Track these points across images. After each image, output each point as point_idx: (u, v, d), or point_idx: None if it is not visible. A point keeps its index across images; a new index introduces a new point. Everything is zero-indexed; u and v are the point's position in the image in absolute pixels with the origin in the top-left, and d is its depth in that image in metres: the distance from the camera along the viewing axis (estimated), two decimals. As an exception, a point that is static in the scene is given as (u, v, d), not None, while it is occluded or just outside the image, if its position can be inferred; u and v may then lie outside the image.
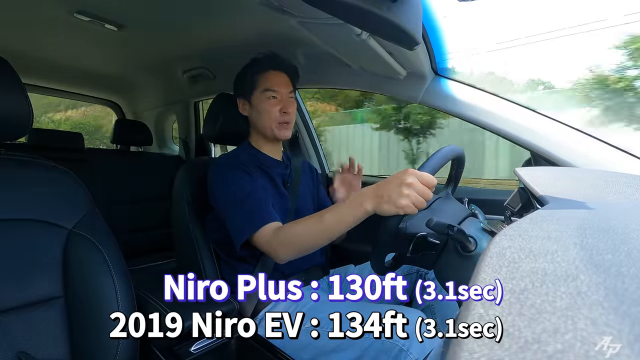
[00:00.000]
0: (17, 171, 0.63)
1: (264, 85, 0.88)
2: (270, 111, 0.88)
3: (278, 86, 0.89)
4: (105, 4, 0.97)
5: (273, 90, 0.88)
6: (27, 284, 0.59)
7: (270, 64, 0.90)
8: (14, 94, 0.59)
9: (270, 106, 0.88)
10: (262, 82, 0.89)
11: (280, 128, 0.89)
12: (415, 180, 0.56)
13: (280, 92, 0.89)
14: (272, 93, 0.88)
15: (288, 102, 0.89)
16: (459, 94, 0.95)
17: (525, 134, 0.86)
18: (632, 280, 0.17)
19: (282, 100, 0.89)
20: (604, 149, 0.80)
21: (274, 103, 0.88)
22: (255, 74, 0.90)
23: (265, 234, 0.74)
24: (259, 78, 0.89)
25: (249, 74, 0.91)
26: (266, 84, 0.88)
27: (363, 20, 0.56)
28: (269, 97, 0.88)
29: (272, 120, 0.89)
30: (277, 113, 0.88)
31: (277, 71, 0.90)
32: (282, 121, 0.89)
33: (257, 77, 0.89)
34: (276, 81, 0.89)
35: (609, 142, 0.80)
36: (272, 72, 0.89)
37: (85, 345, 0.61)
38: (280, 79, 0.90)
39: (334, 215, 0.65)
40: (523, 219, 0.29)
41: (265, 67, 0.90)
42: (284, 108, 0.88)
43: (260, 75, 0.89)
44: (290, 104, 0.90)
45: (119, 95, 2.11)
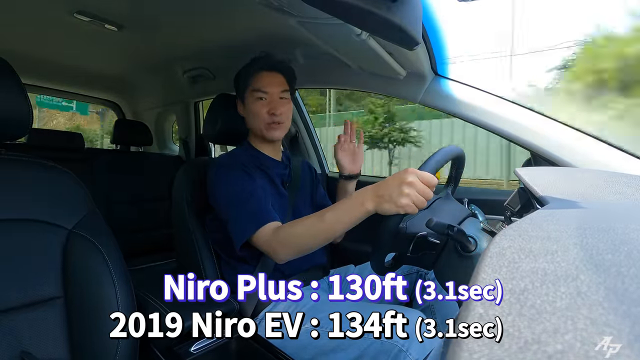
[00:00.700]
0: (17, 171, 0.63)
1: (255, 86, 0.88)
2: (258, 112, 0.88)
3: (267, 87, 0.88)
4: (105, 4, 0.97)
5: (261, 91, 0.87)
6: (27, 284, 0.59)
7: (262, 65, 0.89)
8: (14, 94, 0.59)
9: (258, 107, 0.88)
10: (252, 83, 0.88)
11: (268, 129, 0.89)
12: (416, 179, 0.56)
13: (270, 92, 0.88)
14: (261, 94, 0.87)
15: (278, 103, 0.88)
16: (459, 94, 0.95)
17: (525, 134, 0.86)
18: (632, 280, 0.17)
19: (272, 101, 0.88)
20: (604, 149, 0.80)
21: (262, 104, 0.88)
22: (247, 75, 0.89)
23: (264, 234, 0.74)
24: (250, 79, 0.89)
25: (243, 76, 0.91)
26: (256, 85, 0.88)
27: (363, 20, 0.56)
28: (257, 97, 0.88)
29: (261, 122, 0.88)
30: (265, 114, 0.87)
31: (269, 71, 0.89)
32: (270, 122, 0.88)
33: (249, 78, 0.89)
34: (266, 82, 0.88)
35: (609, 142, 0.80)
36: (263, 73, 0.89)
37: (85, 345, 0.61)
38: (272, 80, 0.89)
39: (335, 214, 0.65)
40: (523, 219, 0.29)
41: (257, 68, 0.89)
42: (273, 109, 0.87)
43: (252, 76, 0.89)
44: (281, 104, 0.89)
45: (119, 95, 2.11)
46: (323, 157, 1.53)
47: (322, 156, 1.52)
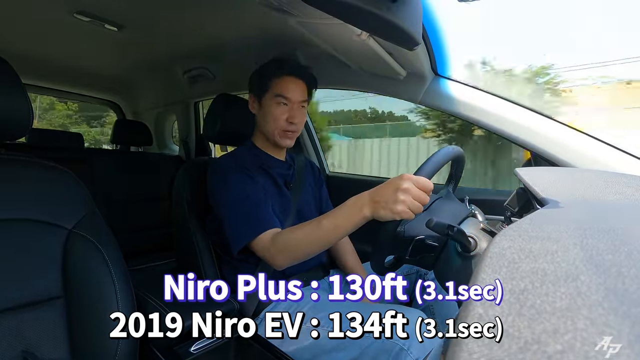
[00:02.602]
0: (17, 171, 0.63)
1: (277, 90, 0.86)
2: (277, 117, 0.86)
3: (291, 93, 0.86)
4: (105, 4, 0.97)
5: (284, 97, 0.86)
6: (27, 284, 0.59)
7: (287, 70, 0.87)
8: (14, 94, 0.59)
9: (279, 112, 0.86)
10: (275, 86, 0.86)
11: (283, 136, 0.88)
12: (411, 185, 0.56)
13: (292, 100, 0.86)
14: (283, 100, 0.86)
15: (297, 111, 0.87)
16: (459, 94, 0.95)
17: (525, 134, 0.86)
18: (632, 280, 0.17)
19: (292, 108, 0.87)
20: (604, 149, 0.80)
21: (282, 110, 0.86)
22: (271, 77, 0.87)
23: (262, 240, 0.73)
24: (274, 81, 0.87)
25: (266, 75, 0.88)
26: (279, 89, 0.86)
27: (363, 21, 0.56)
28: (279, 102, 0.86)
29: (277, 127, 0.87)
30: (283, 121, 0.86)
31: (294, 77, 0.87)
32: (287, 129, 0.87)
33: (273, 80, 0.87)
34: (291, 88, 0.86)
35: (608, 142, 0.80)
36: (288, 78, 0.87)
37: (85, 345, 0.61)
38: (296, 87, 0.87)
39: (332, 221, 0.65)
40: (523, 219, 0.29)
41: (284, 72, 0.87)
42: (292, 117, 0.86)
43: (275, 79, 0.87)
44: (300, 113, 0.88)
45: (119, 95, 2.11)
46: (323, 157, 1.53)
47: (322, 156, 1.52)
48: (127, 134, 1.80)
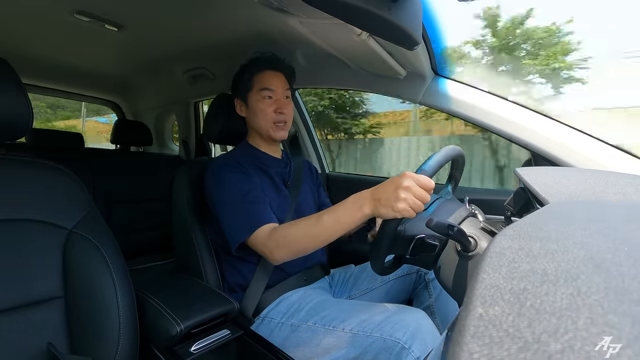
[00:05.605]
0: (17, 171, 0.63)
1: (261, 84, 0.89)
2: (265, 111, 0.89)
3: (274, 85, 0.89)
4: (105, 4, 0.97)
5: (269, 90, 0.89)
6: (27, 284, 0.59)
7: (266, 64, 0.91)
8: (14, 94, 0.59)
9: (266, 106, 0.89)
10: (258, 82, 0.89)
11: (275, 129, 0.90)
12: (412, 183, 0.56)
13: (277, 91, 0.90)
14: (268, 92, 0.89)
15: (283, 102, 0.90)
16: (459, 94, 0.95)
17: (525, 134, 0.86)
18: (633, 280, 0.17)
19: (278, 100, 0.90)
20: (604, 148, 0.80)
21: (269, 103, 0.89)
22: (252, 74, 0.90)
23: (260, 235, 0.74)
24: (255, 78, 0.90)
25: (246, 75, 0.91)
26: (263, 83, 0.89)
27: (363, 20, 0.56)
28: (264, 96, 0.89)
29: (268, 121, 0.89)
30: (272, 113, 0.89)
31: (273, 71, 0.91)
32: (277, 121, 0.89)
33: (254, 77, 0.90)
34: (273, 81, 0.90)
35: (608, 141, 0.80)
36: (268, 72, 0.90)
37: (86, 345, 0.61)
38: (277, 79, 0.90)
39: (332, 217, 0.65)
40: (523, 219, 0.29)
41: (262, 67, 0.90)
42: (279, 108, 0.89)
43: (257, 75, 0.90)
44: (286, 104, 0.91)
45: (119, 95, 2.10)
46: (323, 156, 1.53)
47: (322, 156, 1.52)
48: (127, 134, 1.80)
